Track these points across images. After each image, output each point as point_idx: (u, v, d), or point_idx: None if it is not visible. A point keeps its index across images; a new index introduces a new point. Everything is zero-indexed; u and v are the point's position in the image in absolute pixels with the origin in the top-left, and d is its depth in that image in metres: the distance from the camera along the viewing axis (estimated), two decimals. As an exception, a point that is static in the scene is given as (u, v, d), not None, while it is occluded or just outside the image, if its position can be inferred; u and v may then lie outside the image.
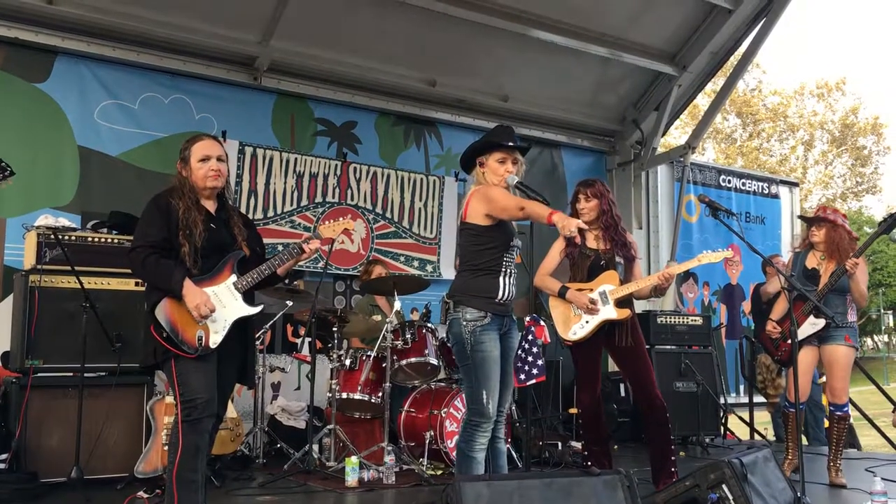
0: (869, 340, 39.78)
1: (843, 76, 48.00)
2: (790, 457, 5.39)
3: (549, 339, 4.15)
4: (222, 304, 3.57)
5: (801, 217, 5.61)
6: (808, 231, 5.37)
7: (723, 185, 9.97)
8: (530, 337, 3.99)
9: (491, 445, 3.81)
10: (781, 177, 12.94)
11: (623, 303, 4.64)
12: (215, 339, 3.53)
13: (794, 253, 5.48)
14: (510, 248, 3.84)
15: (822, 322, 5.08)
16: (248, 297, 3.71)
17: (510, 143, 3.88)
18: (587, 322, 4.66)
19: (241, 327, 3.69)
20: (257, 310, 3.73)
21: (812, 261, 5.25)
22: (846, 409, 5.18)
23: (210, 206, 3.71)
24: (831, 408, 5.22)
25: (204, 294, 3.51)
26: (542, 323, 3.99)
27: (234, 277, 3.65)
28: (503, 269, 3.80)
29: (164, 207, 3.57)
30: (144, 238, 3.56)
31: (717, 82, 9.60)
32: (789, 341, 5.19)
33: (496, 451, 3.87)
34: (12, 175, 4.21)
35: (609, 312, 4.62)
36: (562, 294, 4.70)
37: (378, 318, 6.19)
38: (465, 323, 3.74)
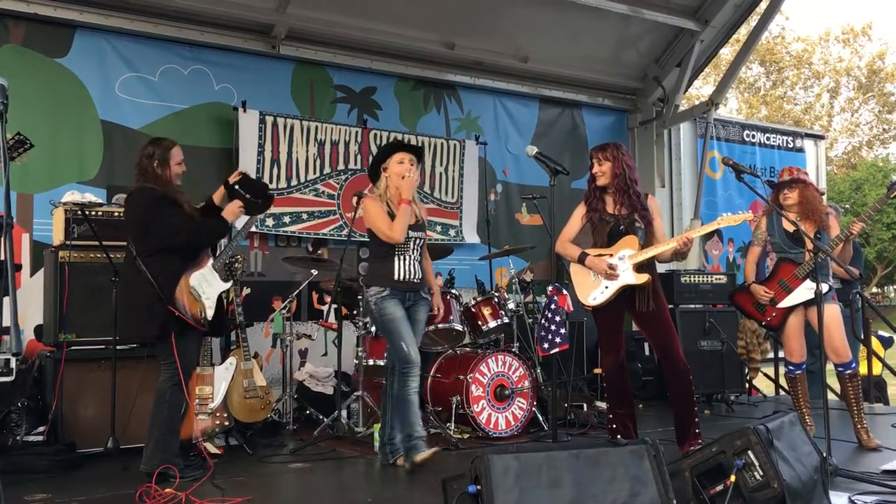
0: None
1: (869, 21, 46.96)
2: (808, 422, 5.17)
3: (571, 308, 4.17)
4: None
5: (769, 182, 5.42)
6: (777, 195, 5.22)
7: (747, 140, 9.84)
8: (553, 306, 4.02)
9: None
10: (807, 130, 12.74)
11: (643, 268, 4.62)
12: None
13: (766, 217, 5.29)
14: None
15: (824, 287, 4.74)
16: None
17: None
18: (606, 287, 4.65)
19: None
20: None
21: (788, 223, 5.06)
22: (854, 365, 5.09)
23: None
24: (840, 368, 5.05)
25: None
26: (565, 292, 4.01)
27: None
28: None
29: None
30: None
31: (739, 31, 9.37)
32: (779, 305, 5.16)
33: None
34: (32, 147, 4.34)
35: (628, 278, 4.61)
36: (581, 260, 4.70)
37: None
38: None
